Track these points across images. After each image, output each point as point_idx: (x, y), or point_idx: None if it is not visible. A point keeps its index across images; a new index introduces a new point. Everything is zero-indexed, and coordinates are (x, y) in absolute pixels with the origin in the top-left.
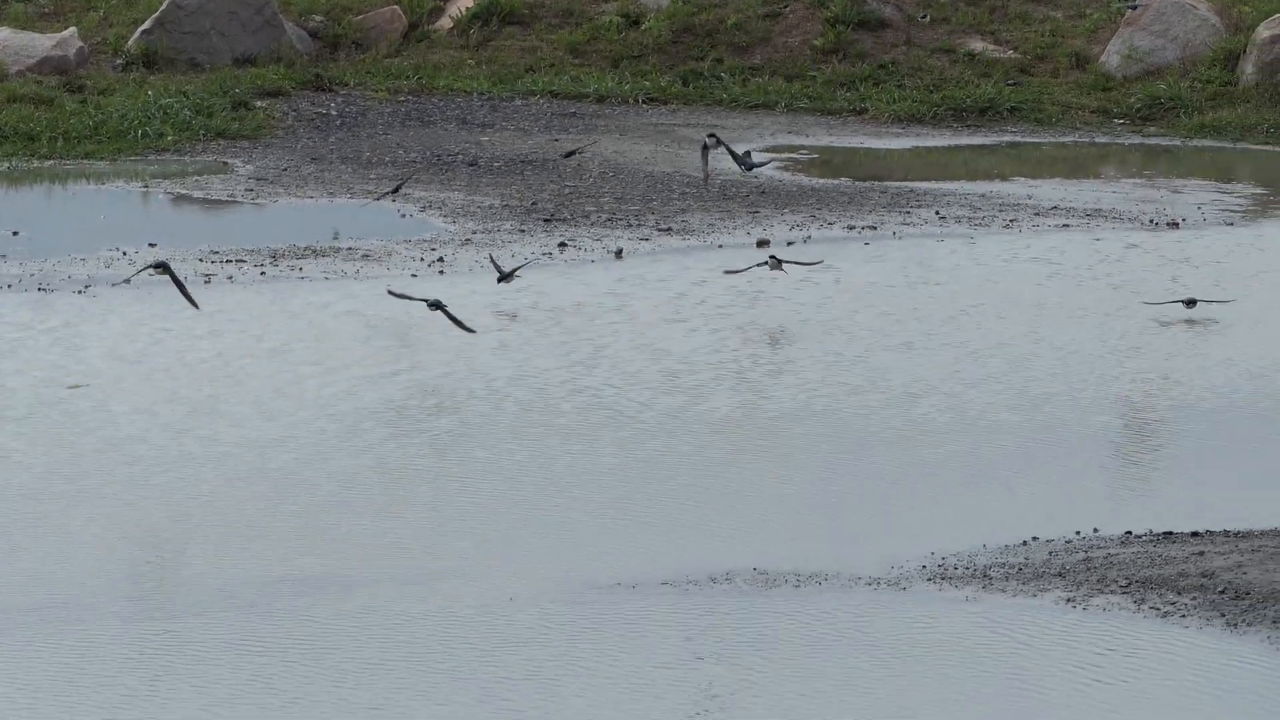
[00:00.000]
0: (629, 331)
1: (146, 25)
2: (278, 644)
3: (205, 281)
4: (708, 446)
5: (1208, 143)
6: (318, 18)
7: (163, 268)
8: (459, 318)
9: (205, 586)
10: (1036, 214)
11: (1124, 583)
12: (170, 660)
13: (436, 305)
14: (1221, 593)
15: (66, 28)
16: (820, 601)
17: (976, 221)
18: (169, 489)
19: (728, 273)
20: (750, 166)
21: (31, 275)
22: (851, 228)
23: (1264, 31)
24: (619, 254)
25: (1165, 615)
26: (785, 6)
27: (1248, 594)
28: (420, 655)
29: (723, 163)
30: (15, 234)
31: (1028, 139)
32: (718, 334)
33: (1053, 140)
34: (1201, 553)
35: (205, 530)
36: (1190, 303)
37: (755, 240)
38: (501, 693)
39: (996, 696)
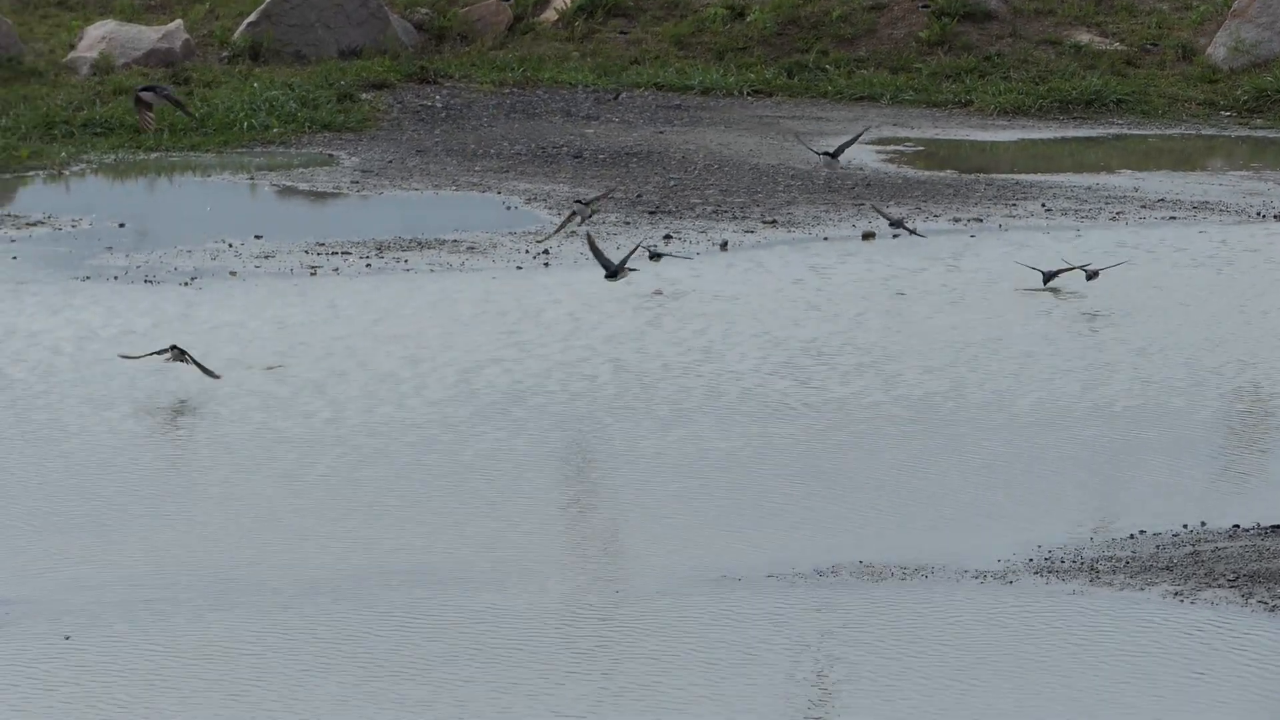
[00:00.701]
0: (738, 321)
1: (252, 18)
2: (381, 634)
3: (311, 273)
4: (815, 436)
5: None
6: (423, 10)
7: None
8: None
9: (317, 575)
10: (1143, 206)
11: (1232, 577)
12: (280, 649)
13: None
14: None
15: (173, 20)
16: (927, 595)
17: (1083, 214)
18: (283, 475)
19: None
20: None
21: (138, 267)
22: (957, 220)
23: None
24: (724, 246)
25: (1273, 609)
26: None
27: None
28: (525, 649)
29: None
30: (121, 226)
31: (1134, 131)
32: (831, 322)
33: (1159, 132)
34: None
35: (319, 518)
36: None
37: (861, 233)
38: (607, 686)
39: (1103, 690)
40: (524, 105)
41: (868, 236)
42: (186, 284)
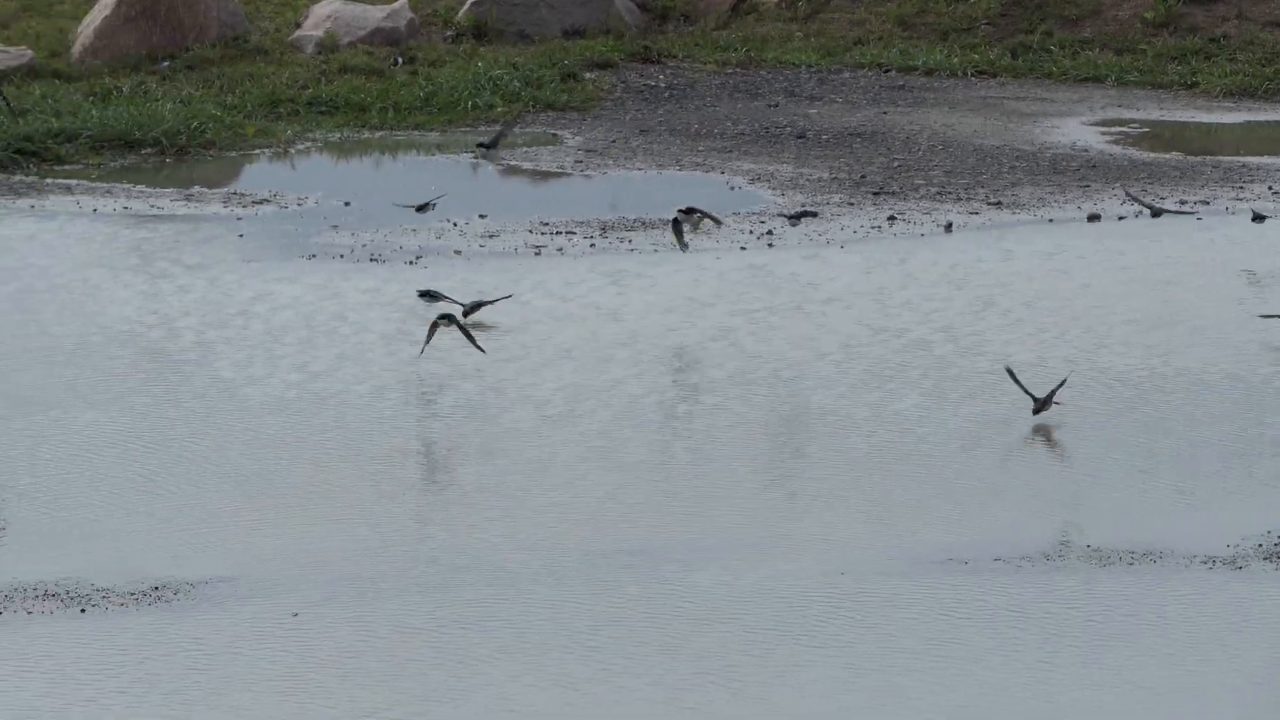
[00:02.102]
0: (973, 302)
1: None
2: (610, 615)
3: (535, 253)
4: (1043, 419)
5: None
6: None
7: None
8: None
9: (538, 556)
10: None
11: None
12: (505, 630)
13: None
14: None
15: None
16: (1155, 580)
17: None
18: (511, 450)
19: None
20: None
21: (364, 245)
22: (1184, 202)
23: None
24: (949, 227)
25: None
26: None
27: None
28: (752, 629)
29: (1052, 136)
30: (347, 204)
31: None
32: (1058, 302)
33: None
34: None
35: (552, 497)
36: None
37: (1086, 215)
38: (831, 664)
39: None
40: (747, 85)
41: (1093, 219)
42: (411, 262)
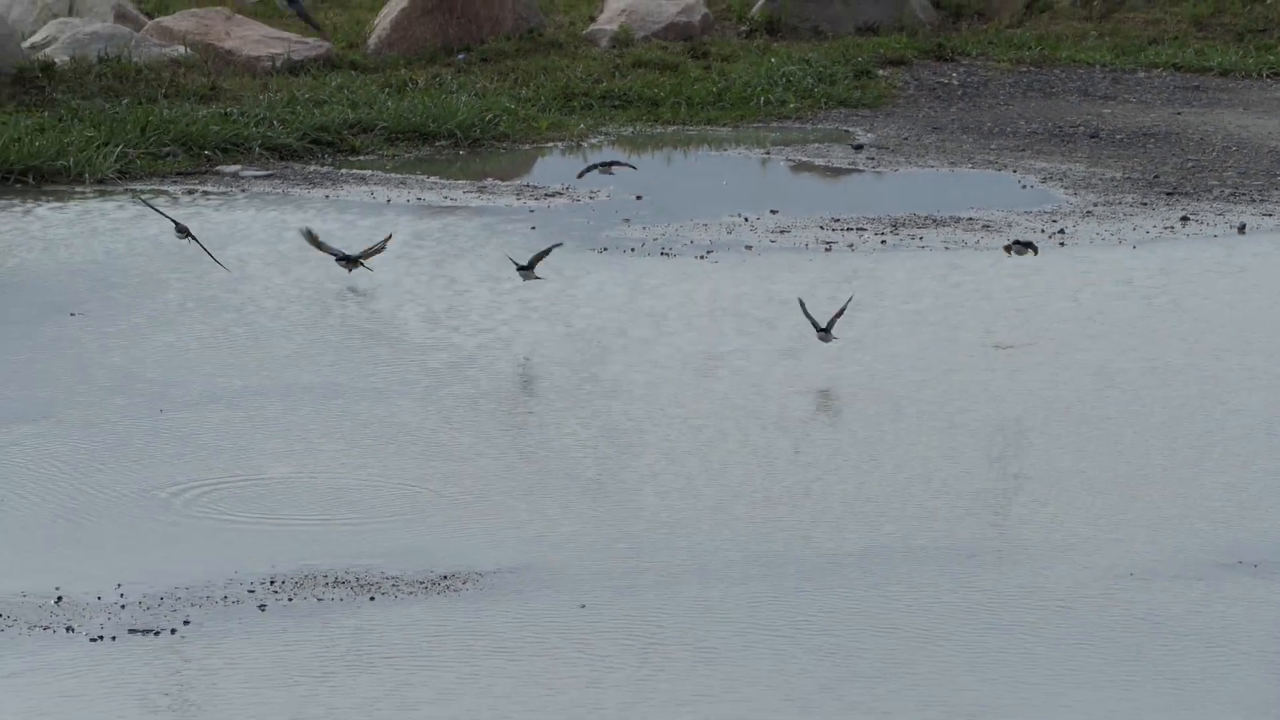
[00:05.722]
0: (1255, 305)
1: None
2: (891, 614)
3: (826, 249)
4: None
5: None
6: None
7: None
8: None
9: (831, 551)
10: None
11: None
12: (809, 625)
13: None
14: None
15: None
16: None
17: None
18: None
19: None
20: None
21: (654, 239)
22: None
23: None
24: (1241, 229)
25: None
26: None
27: None
28: (1034, 630)
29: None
30: (638, 198)
31: None
32: None
33: None
34: None
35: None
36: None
37: None
38: (1113, 672)
39: None
40: (1040, 84)
41: None
42: (702, 257)
